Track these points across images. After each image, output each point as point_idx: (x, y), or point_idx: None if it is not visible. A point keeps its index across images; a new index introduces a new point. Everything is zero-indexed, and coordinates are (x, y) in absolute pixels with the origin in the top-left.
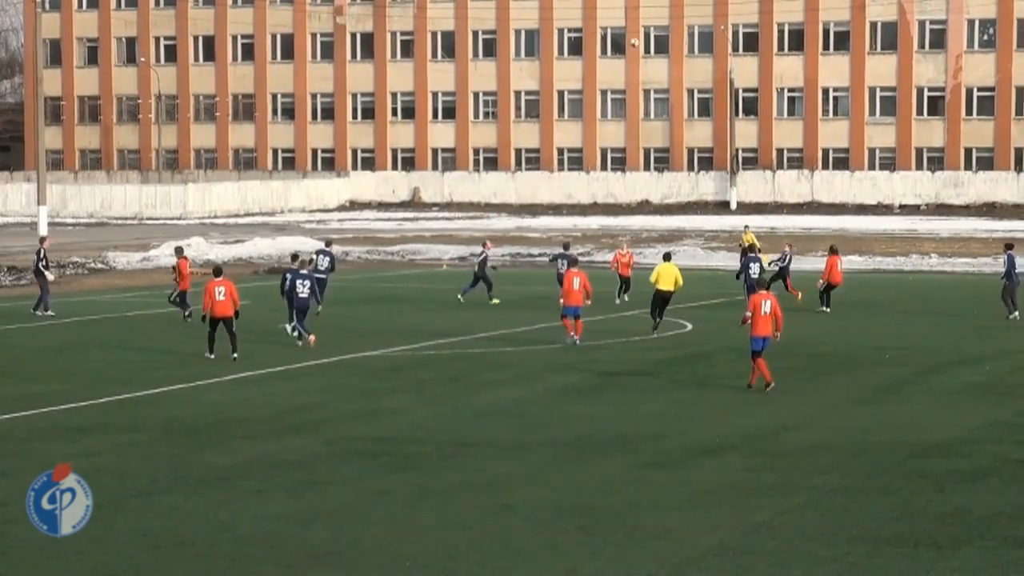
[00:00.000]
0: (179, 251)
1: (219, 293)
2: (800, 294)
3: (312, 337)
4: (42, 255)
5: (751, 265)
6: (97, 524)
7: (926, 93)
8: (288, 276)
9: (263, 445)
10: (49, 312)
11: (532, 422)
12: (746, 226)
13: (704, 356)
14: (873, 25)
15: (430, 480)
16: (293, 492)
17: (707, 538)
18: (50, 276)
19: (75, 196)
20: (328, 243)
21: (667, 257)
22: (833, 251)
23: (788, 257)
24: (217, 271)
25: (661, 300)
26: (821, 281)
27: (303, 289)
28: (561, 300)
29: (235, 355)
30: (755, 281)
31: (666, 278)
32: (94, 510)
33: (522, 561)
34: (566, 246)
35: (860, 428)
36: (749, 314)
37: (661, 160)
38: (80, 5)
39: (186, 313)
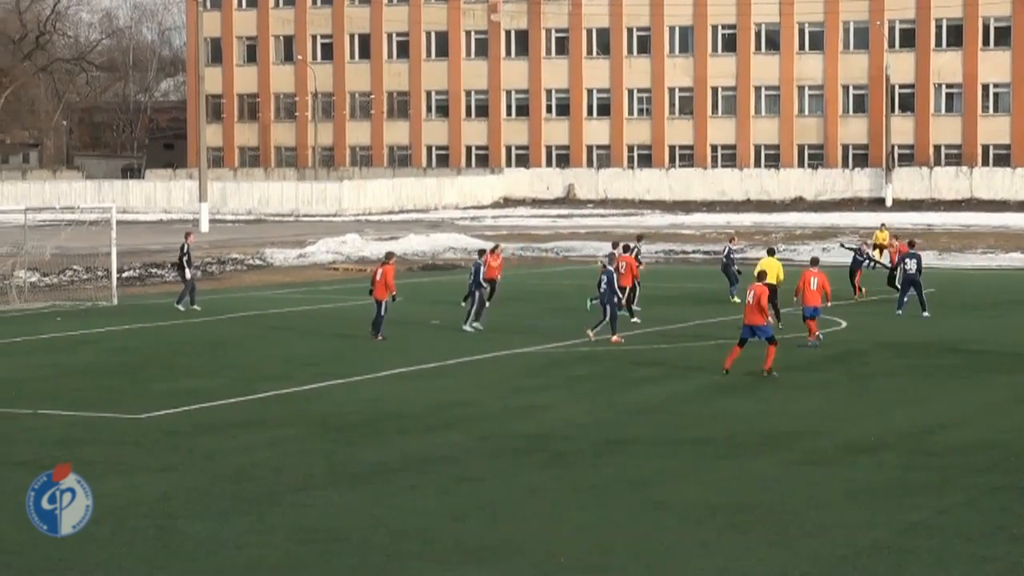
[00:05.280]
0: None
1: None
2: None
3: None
4: (186, 250)
5: (906, 261)
6: (254, 519)
7: None
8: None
9: (417, 440)
10: (195, 307)
11: (685, 419)
12: (882, 224)
13: (858, 353)
14: None
15: (583, 477)
16: (447, 488)
17: (862, 536)
18: (187, 273)
19: (234, 193)
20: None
21: (771, 252)
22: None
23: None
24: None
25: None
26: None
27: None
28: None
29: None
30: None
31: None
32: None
33: (675, 559)
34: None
35: (1021, 427)
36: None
37: (815, 157)
38: (240, 4)
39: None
